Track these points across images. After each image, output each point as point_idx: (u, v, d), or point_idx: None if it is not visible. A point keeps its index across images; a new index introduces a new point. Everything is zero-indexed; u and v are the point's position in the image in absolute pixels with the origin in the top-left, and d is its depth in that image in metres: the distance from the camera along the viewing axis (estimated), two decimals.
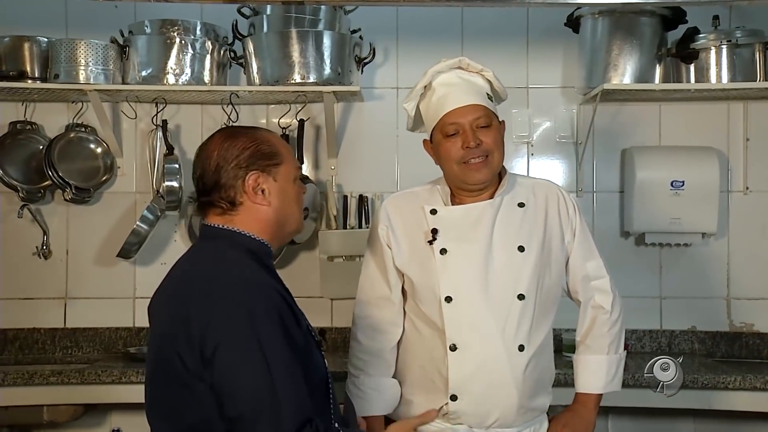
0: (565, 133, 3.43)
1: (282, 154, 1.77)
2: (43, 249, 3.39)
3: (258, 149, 1.73)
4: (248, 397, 1.56)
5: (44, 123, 3.43)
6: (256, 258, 1.72)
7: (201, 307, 1.62)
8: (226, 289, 1.63)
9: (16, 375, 2.92)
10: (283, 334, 1.61)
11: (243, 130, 1.78)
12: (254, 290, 1.63)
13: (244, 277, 1.66)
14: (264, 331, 1.58)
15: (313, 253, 3.39)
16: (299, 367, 1.61)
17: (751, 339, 3.36)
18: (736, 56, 3.09)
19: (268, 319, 1.60)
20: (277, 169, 1.75)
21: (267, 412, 1.55)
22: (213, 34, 3.24)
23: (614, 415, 3.28)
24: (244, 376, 1.57)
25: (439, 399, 2.06)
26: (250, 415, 1.56)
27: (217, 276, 1.66)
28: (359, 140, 3.45)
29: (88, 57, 3.15)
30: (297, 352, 1.63)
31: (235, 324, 1.59)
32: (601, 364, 2.18)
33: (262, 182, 1.73)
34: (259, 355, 1.56)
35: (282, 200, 1.76)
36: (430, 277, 2.06)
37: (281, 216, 1.77)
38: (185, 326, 1.61)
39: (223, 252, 1.71)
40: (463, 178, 2.07)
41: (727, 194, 3.38)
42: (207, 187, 1.74)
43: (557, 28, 3.30)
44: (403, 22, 3.45)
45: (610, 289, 2.18)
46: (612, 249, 3.24)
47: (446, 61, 2.12)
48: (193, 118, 3.45)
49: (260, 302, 1.61)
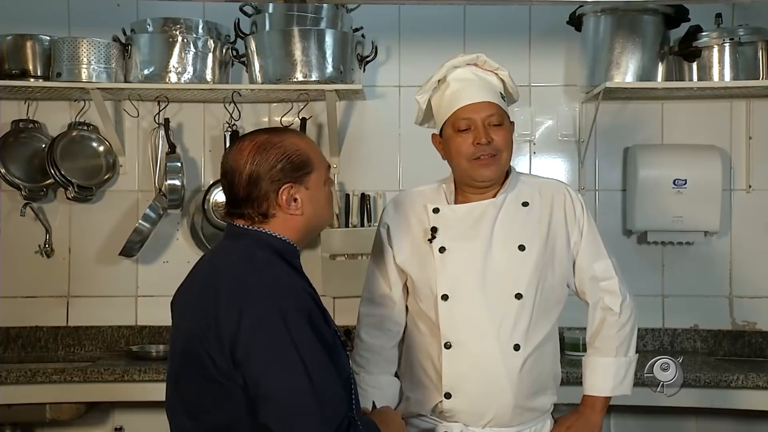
0: (568, 132, 3.43)
1: (312, 161, 1.74)
2: (46, 247, 3.40)
3: (290, 161, 1.70)
4: (287, 399, 1.55)
5: (47, 121, 3.44)
6: (283, 258, 1.71)
7: (231, 308, 1.60)
8: (256, 289, 1.62)
9: (19, 373, 2.93)
10: (314, 334, 1.59)
11: (273, 140, 1.72)
12: (285, 291, 1.63)
13: (274, 278, 1.65)
14: (297, 331, 1.57)
15: (316, 252, 3.39)
16: (333, 367, 1.61)
17: (754, 337, 3.36)
18: (739, 54, 3.08)
19: (301, 320, 1.59)
20: (309, 177, 1.73)
21: (307, 413, 1.54)
22: (215, 33, 3.24)
23: (617, 414, 3.29)
24: (281, 378, 1.55)
25: (434, 396, 2.06)
26: (290, 417, 1.55)
27: (247, 276, 1.65)
28: (361, 139, 3.45)
29: (91, 55, 3.16)
30: (329, 352, 1.62)
31: (267, 326, 1.57)
32: (608, 366, 2.15)
33: (294, 193, 1.71)
34: (294, 356, 1.55)
35: (314, 206, 1.75)
36: (429, 275, 2.06)
37: (313, 221, 1.77)
38: (215, 327, 1.60)
39: (252, 251, 1.70)
40: (471, 174, 2.06)
41: (730, 192, 3.38)
42: (238, 200, 1.72)
43: (559, 27, 3.30)
44: (405, 20, 3.45)
45: (619, 291, 2.15)
46: (614, 247, 3.18)
47: (463, 56, 2.11)
48: (195, 116, 3.45)
49: (291, 303, 1.60)
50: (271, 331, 1.57)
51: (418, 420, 2.12)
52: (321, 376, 1.57)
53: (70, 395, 2.95)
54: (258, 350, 1.57)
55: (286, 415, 1.55)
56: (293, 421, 1.54)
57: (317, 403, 1.54)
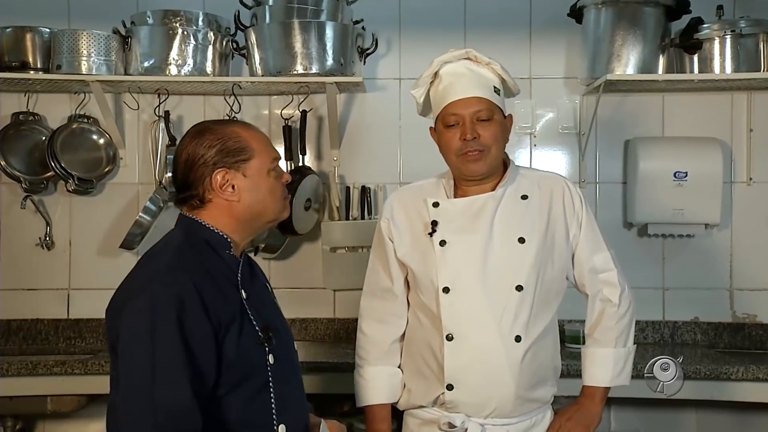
0: (568, 124, 3.43)
1: (251, 148, 1.77)
2: (46, 240, 3.40)
3: (225, 146, 1.74)
4: (130, 375, 1.59)
5: (47, 114, 3.43)
6: (211, 247, 1.74)
7: (125, 291, 1.69)
8: (147, 273, 1.68)
9: (20, 365, 2.93)
10: (179, 330, 1.59)
11: (213, 127, 1.78)
12: (169, 276, 1.64)
13: (167, 264, 1.67)
14: (160, 320, 1.59)
15: (316, 245, 3.39)
16: (188, 370, 1.59)
17: (754, 330, 3.36)
18: (740, 46, 3.08)
19: (169, 307, 1.60)
20: (247, 164, 1.75)
21: (140, 396, 1.57)
22: (215, 25, 3.23)
23: (617, 407, 3.30)
24: (129, 362, 1.60)
25: (436, 388, 2.07)
26: (127, 392, 1.59)
27: (150, 260, 1.72)
28: (362, 131, 3.45)
29: (91, 48, 3.15)
30: (193, 350, 1.60)
31: (138, 307, 1.62)
32: (608, 357, 2.17)
33: (231, 179, 1.74)
34: (148, 348, 1.58)
35: (254, 194, 1.77)
36: (430, 268, 2.08)
37: (254, 210, 1.78)
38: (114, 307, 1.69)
39: (172, 238, 1.76)
40: (460, 168, 2.09)
41: (731, 185, 3.37)
42: (179, 185, 1.77)
43: (560, 19, 3.29)
44: (405, 12, 3.44)
45: (618, 282, 2.17)
46: (615, 240, 3.19)
47: (454, 51, 2.13)
48: (195, 109, 3.45)
49: (165, 288, 1.62)
50: (137, 315, 1.61)
51: (420, 411, 2.14)
52: (166, 373, 1.57)
53: (71, 387, 2.96)
54: (124, 332, 1.62)
55: (121, 400, 1.60)
56: (128, 403, 1.59)
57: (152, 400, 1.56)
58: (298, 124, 3.29)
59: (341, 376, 2.85)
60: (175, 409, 1.56)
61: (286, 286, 3.39)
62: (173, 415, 1.56)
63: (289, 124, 3.33)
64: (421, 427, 2.14)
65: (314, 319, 3.42)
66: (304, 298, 3.43)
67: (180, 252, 1.70)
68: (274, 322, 1.81)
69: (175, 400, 1.57)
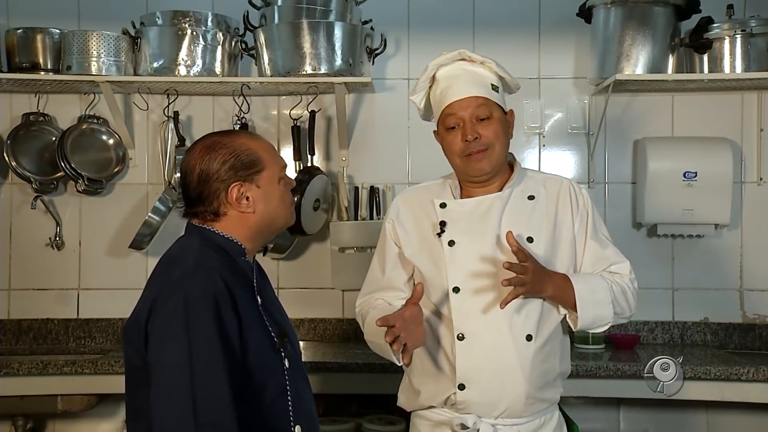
0: (577, 124, 3.42)
1: (263, 159, 1.79)
2: (56, 240, 3.42)
3: (238, 160, 1.76)
4: (167, 373, 1.59)
5: (57, 114, 3.45)
6: (227, 255, 1.75)
7: (149, 298, 1.69)
8: (174, 275, 1.68)
9: (30, 365, 2.94)
10: (215, 319, 1.62)
11: (222, 141, 1.79)
12: (200, 275, 1.66)
13: (194, 263, 1.69)
14: (195, 318, 1.61)
15: (325, 245, 3.40)
16: (225, 366, 1.60)
17: (764, 330, 3.35)
18: (751, 46, 3.06)
19: (206, 304, 1.62)
20: (260, 175, 1.78)
21: (180, 392, 1.57)
22: (224, 26, 3.24)
23: (626, 407, 3.28)
24: (167, 353, 1.60)
25: (447, 388, 2.07)
26: (165, 390, 1.58)
27: (171, 268, 1.72)
28: (370, 131, 3.45)
29: (100, 48, 3.16)
30: (230, 346, 1.62)
31: (169, 309, 1.63)
32: (595, 279, 2.05)
33: (246, 191, 1.76)
34: (184, 339, 1.59)
35: (267, 204, 1.79)
36: (439, 268, 2.08)
37: (267, 219, 1.81)
38: (138, 314, 1.69)
39: (190, 246, 1.76)
40: (466, 169, 2.09)
41: (741, 185, 3.36)
42: (191, 199, 1.78)
43: (569, 18, 3.29)
44: (414, 12, 3.44)
45: (630, 271, 2.13)
46: (624, 240, 3.21)
47: (446, 54, 2.13)
48: (204, 109, 3.46)
49: (198, 286, 1.64)
50: (170, 313, 1.62)
51: (430, 412, 2.13)
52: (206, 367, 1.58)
53: (81, 387, 2.97)
54: (156, 331, 1.63)
55: (165, 391, 1.59)
56: (167, 396, 1.58)
57: (195, 389, 1.56)
58: (306, 125, 3.30)
59: (350, 376, 2.85)
60: (215, 405, 1.58)
61: (294, 287, 3.39)
62: (213, 411, 1.57)
63: (297, 124, 3.34)
64: (431, 428, 2.13)
65: (323, 319, 3.43)
66: (313, 298, 3.43)
67: (204, 253, 1.72)
68: (285, 326, 1.83)
69: (216, 396, 1.58)
